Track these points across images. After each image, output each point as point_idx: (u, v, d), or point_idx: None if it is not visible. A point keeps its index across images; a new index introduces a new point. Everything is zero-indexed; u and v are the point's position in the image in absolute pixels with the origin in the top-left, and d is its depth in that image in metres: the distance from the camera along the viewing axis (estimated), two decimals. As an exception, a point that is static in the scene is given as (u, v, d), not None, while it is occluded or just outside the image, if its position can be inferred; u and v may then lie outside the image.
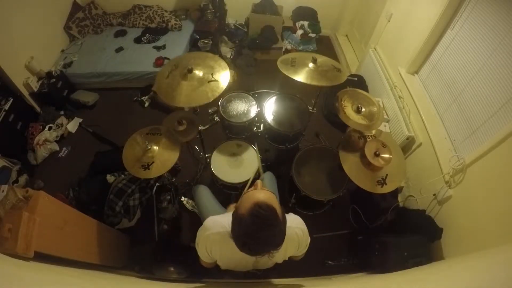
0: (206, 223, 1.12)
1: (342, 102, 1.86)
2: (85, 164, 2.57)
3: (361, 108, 1.82)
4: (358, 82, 3.18)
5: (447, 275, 1.26)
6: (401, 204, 2.30)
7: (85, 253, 1.53)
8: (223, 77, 1.80)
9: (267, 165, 2.30)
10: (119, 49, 3.39)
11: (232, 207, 1.51)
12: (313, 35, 3.83)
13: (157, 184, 2.26)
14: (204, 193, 1.77)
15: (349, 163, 1.77)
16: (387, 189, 1.70)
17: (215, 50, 3.62)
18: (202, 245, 1.12)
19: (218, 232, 1.08)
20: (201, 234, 1.12)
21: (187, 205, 2.32)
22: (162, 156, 1.71)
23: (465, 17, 1.92)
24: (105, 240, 1.75)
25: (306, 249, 1.22)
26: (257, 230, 0.88)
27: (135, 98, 3.26)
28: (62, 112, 3.02)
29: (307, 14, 3.93)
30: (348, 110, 1.83)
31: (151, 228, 2.18)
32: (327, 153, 2.10)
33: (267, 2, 3.76)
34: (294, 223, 1.15)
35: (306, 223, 1.20)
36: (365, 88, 3.13)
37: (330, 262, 2.14)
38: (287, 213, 1.18)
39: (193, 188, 1.87)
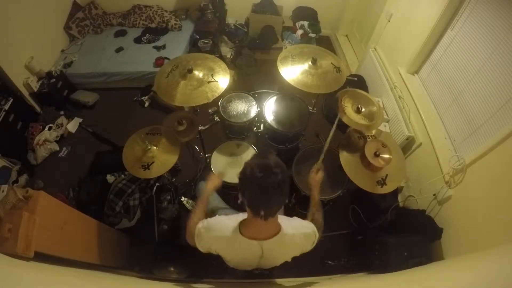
0: (211, 224, 1.09)
1: (342, 102, 1.86)
2: (85, 164, 2.57)
3: (361, 108, 1.82)
4: (358, 82, 3.18)
5: (447, 275, 1.26)
6: (401, 204, 2.31)
7: (85, 253, 1.53)
8: (223, 79, 1.80)
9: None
10: (119, 49, 3.39)
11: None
12: (313, 35, 3.83)
13: (157, 184, 2.26)
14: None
15: (349, 163, 1.77)
16: (387, 189, 1.70)
17: (215, 50, 3.62)
18: (205, 243, 1.10)
19: (224, 236, 1.06)
20: (205, 232, 1.08)
21: (187, 205, 2.32)
22: (162, 156, 1.71)
23: (465, 17, 1.92)
24: (105, 240, 1.75)
25: (314, 246, 1.19)
26: (263, 156, 0.93)
27: (135, 98, 3.26)
28: (62, 112, 3.01)
29: (307, 14, 3.93)
30: (348, 110, 1.83)
31: (151, 228, 2.18)
32: (327, 153, 2.09)
33: (267, 2, 3.75)
34: (298, 229, 1.12)
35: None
36: (365, 88, 3.13)
37: (330, 262, 2.14)
38: (292, 217, 1.18)
39: (197, 184, 1.86)
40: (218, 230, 1.08)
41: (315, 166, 1.55)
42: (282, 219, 1.08)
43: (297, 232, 1.10)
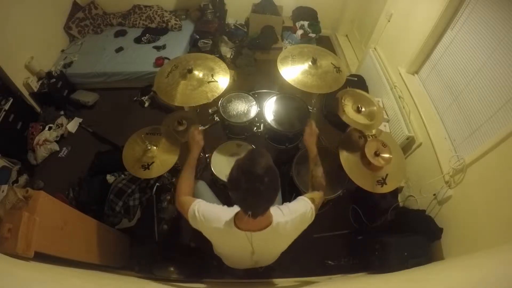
0: (207, 215, 1.10)
1: (343, 101, 1.86)
2: (85, 164, 2.57)
3: (361, 108, 1.82)
4: (358, 82, 3.18)
5: (447, 275, 1.26)
6: (401, 204, 2.30)
7: (85, 253, 1.53)
8: (223, 79, 1.80)
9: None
10: (119, 49, 3.39)
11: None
12: (313, 35, 3.83)
13: (157, 184, 2.26)
14: (202, 189, 1.77)
15: (349, 163, 1.77)
16: (387, 189, 1.70)
17: (215, 50, 3.62)
18: (200, 228, 1.12)
19: (219, 228, 1.08)
20: (200, 221, 1.10)
21: (187, 205, 2.32)
22: (162, 156, 1.71)
23: (465, 17, 1.92)
24: (105, 240, 1.75)
25: (313, 218, 1.20)
26: (253, 160, 0.94)
27: (135, 98, 3.26)
28: (62, 112, 3.01)
29: (307, 14, 3.93)
30: (349, 110, 1.83)
31: (151, 228, 2.18)
32: (327, 153, 2.09)
33: (267, 2, 3.75)
34: (292, 214, 1.12)
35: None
36: (365, 88, 3.13)
37: (330, 262, 2.14)
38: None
39: (196, 184, 1.86)
40: (214, 221, 1.09)
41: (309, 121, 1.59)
42: (274, 209, 1.08)
43: (290, 219, 1.09)
